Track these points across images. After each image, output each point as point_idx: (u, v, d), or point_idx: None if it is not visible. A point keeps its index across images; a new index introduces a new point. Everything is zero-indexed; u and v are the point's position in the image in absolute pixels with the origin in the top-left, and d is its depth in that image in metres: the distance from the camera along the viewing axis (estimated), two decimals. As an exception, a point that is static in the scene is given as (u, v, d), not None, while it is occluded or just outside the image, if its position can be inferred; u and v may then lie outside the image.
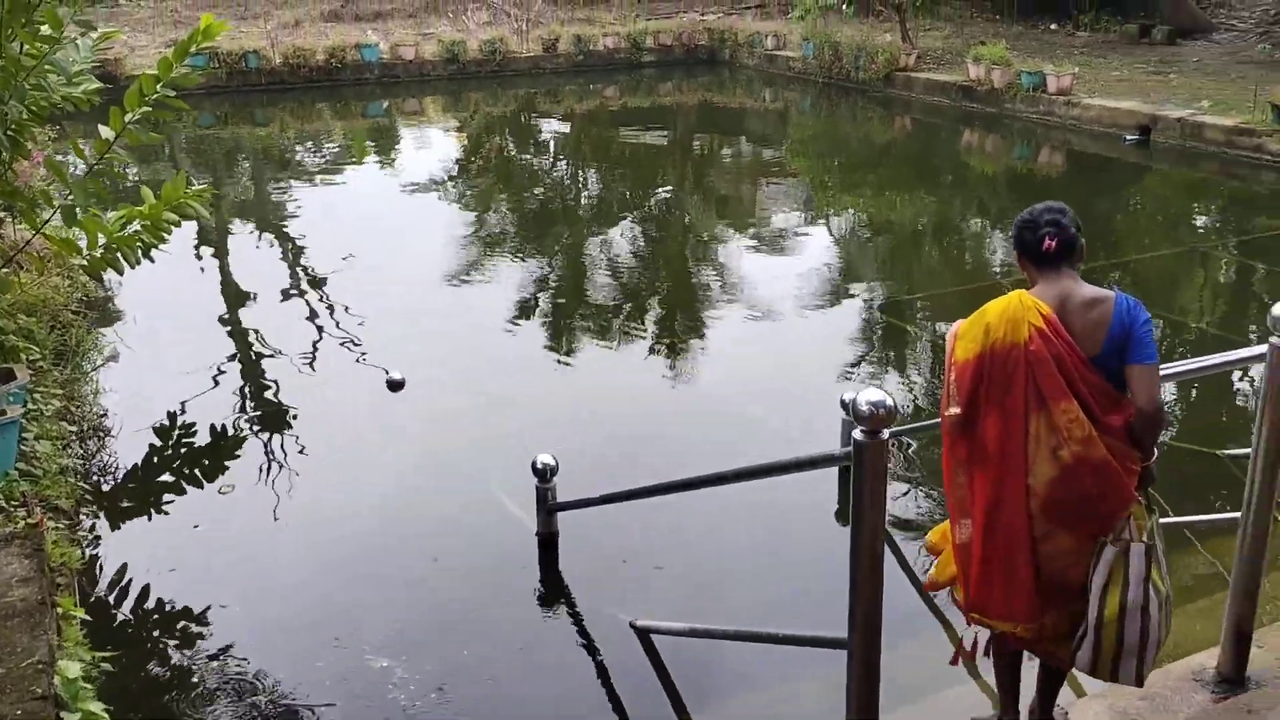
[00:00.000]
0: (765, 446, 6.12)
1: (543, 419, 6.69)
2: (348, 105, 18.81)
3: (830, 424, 5.83)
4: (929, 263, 10.48)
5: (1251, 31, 18.84)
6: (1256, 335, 8.20)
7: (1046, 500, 2.87)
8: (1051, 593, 2.95)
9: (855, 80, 18.48)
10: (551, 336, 8.34)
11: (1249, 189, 12.09)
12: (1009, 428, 2.89)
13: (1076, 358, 2.85)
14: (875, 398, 2.40)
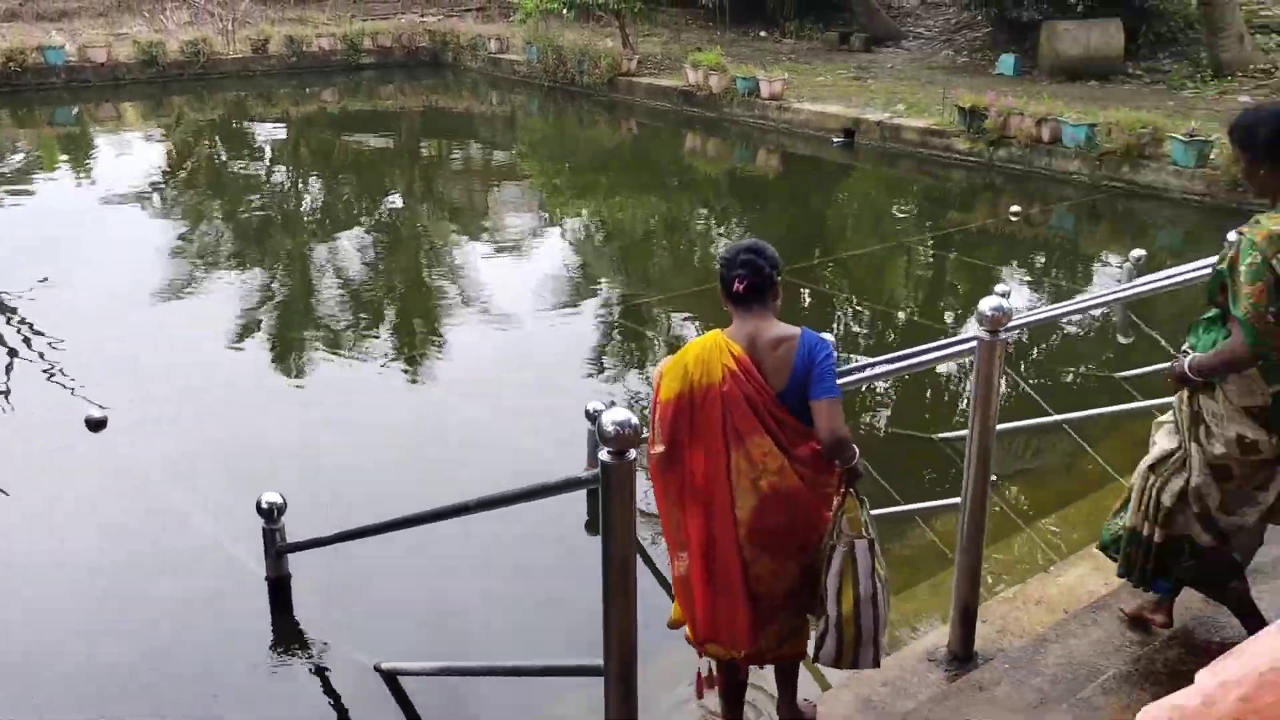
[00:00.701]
0: (516, 463, 5.99)
1: (269, 451, 6.26)
2: (31, 112, 17.10)
3: (579, 433, 5.77)
4: (663, 264, 10.69)
5: (937, 39, 20.51)
6: (953, 319, 8.89)
7: (751, 528, 3.02)
8: (764, 612, 3.11)
9: (580, 84, 18.66)
10: (277, 358, 7.86)
11: (941, 185, 13.13)
12: (713, 463, 3.01)
13: (766, 396, 3.00)
14: (620, 417, 2.33)
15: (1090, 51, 16.15)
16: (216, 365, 7.60)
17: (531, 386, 7.33)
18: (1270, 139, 2.91)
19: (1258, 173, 2.97)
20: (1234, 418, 2.97)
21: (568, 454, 5.70)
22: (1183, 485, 3.10)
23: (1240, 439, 2.97)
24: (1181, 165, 11.16)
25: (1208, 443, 3.04)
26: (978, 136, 12.94)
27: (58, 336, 7.86)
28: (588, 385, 7.30)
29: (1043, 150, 12.42)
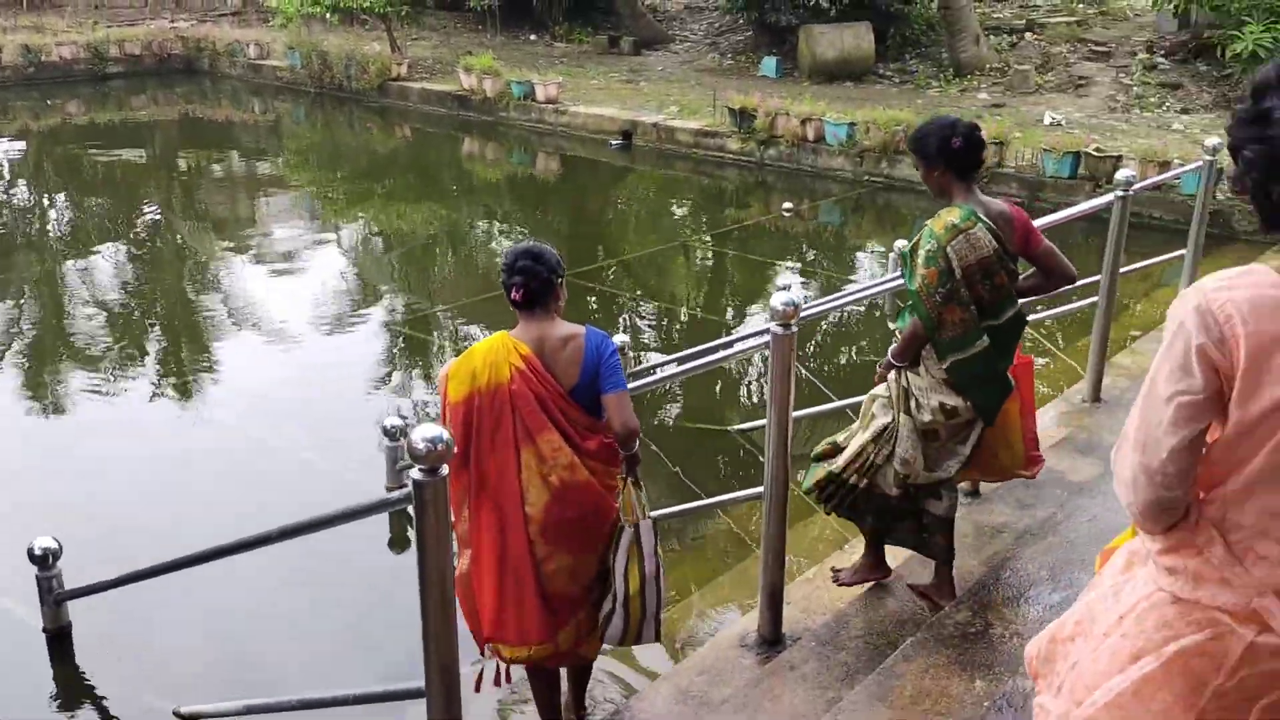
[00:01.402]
0: (313, 486, 5.77)
1: (38, 495, 5.76)
2: None
3: (375, 449, 5.62)
4: (447, 272, 10.54)
5: (702, 42, 21.14)
6: (734, 314, 9.20)
7: (544, 524, 3.10)
8: (561, 609, 3.19)
9: (349, 90, 18.14)
10: (34, 395, 7.24)
11: (717, 184, 13.54)
12: (503, 461, 3.08)
13: (555, 393, 3.10)
14: (431, 434, 2.29)
15: (845, 54, 17.06)
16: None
17: (319, 405, 7.07)
18: (938, 147, 3.35)
19: (933, 176, 3.42)
20: (936, 389, 3.40)
21: (367, 472, 5.54)
22: (891, 449, 3.48)
23: (943, 406, 3.40)
24: (933, 159, 11.94)
25: (917, 413, 3.44)
26: (748, 137, 13.43)
27: None
28: (378, 399, 7.12)
29: (809, 148, 13.03)
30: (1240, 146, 1.59)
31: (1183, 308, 1.59)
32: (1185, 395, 1.58)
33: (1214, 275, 1.59)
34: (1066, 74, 16.05)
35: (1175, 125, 13.16)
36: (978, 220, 3.29)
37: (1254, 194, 1.59)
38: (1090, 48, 16.96)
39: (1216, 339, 1.54)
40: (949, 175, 3.38)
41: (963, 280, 3.26)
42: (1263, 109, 1.54)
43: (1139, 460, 1.65)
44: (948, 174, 3.38)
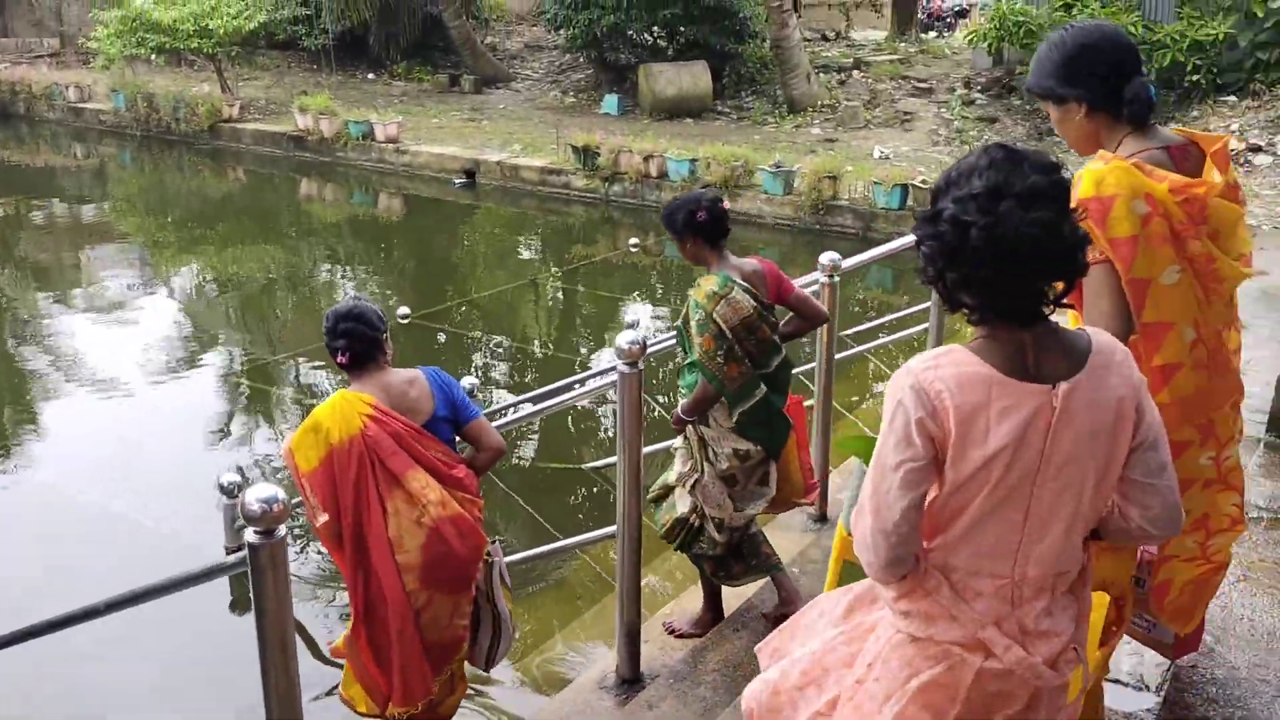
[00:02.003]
0: (149, 548, 5.47)
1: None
2: None
3: (213, 506, 5.37)
4: (288, 318, 10.23)
5: (544, 80, 21.26)
6: (587, 350, 9.23)
7: (422, 568, 3.07)
8: (437, 658, 3.19)
9: (178, 132, 17.50)
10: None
11: (564, 221, 13.60)
12: (371, 514, 3.03)
13: (411, 429, 3.10)
14: (265, 494, 2.21)
15: (683, 91, 17.44)
16: None
17: (153, 461, 6.73)
18: (685, 221, 3.62)
19: (686, 248, 3.70)
20: (726, 436, 3.63)
21: (205, 531, 5.30)
22: (700, 499, 3.70)
23: (735, 451, 3.63)
24: (771, 193, 12.31)
25: (716, 460, 3.65)
26: (593, 174, 13.55)
27: None
28: (216, 454, 6.83)
29: (652, 184, 13.23)
30: (920, 242, 1.81)
31: (899, 387, 1.79)
32: (910, 463, 1.77)
33: (920, 357, 1.82)
34: (893, 109, 16.80)
35: (994, 156, 13.92)
36: (733, 284, 3.57)
37: (934, 281, 1.81)
38: (913, 84, 17.82)
39: (930, 412, 1.75)
40: (701, 245, 3.66)
41: (733, 339, 3.52)
42: (936, 209, 1.77)
43: (874, 524, 1.83)
44: (700, 244, 3.66)
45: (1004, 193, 1.70)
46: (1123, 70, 2.34)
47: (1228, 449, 2.50)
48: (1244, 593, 3.33)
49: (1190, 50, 13.99)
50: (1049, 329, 1.79)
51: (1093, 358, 1.79)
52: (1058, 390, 1.74)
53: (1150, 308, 2.30)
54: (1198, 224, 2.30)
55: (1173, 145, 2.38)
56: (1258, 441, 4.50)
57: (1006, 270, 1.71)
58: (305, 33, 20.89)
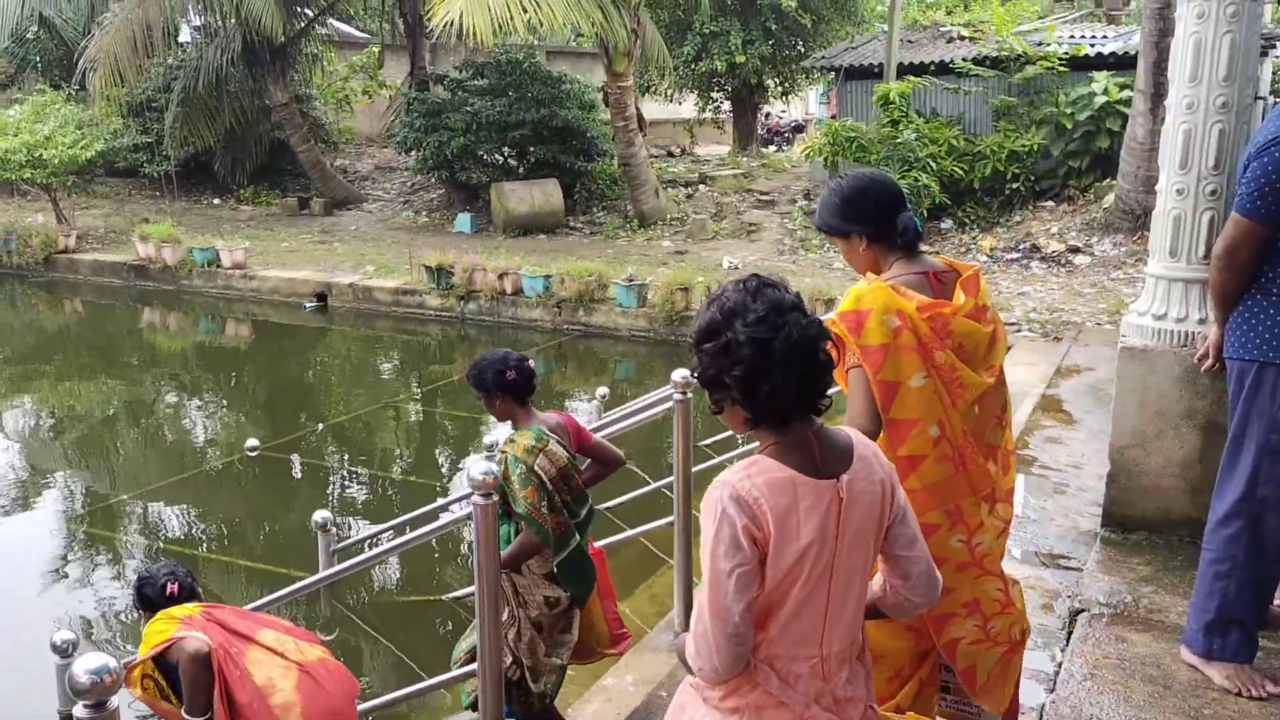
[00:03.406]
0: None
1: None
2: None
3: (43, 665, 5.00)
4: (132, 452, 9.77)
5: (396, 200, 21.31)
6: (447, 472, 9.10)
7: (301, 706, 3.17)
8: None
9: (9, 265, 16.80)
10: None
11: (420, 341, 13.51)
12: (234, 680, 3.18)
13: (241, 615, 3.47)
14: (95, 664, 2.07)
15: (536, 208, 17.74)
16: None
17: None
18: (495, 381, 3.80)
19: (495, 405, 3.88)
20: (538, 584, 3.78)
21: (35, 695, 4.93)
22: (516, 648, 3.83)
23: (546, 599, 3.79)
24: (626, 306, 12.53)
25: (526, 608, 3.80)
26: (447, 292, 13.55)
27: None
28: (51, 605, 6.39)
29: (508, 301, 13.30)
30: (719, 377, 1.98)
31: (718, 499, 1.96)
32: (741, 567, 1.94)
33: (732, 469, 2.00)
34: (739, 221, 17.44)
35: (836, 264, 14.53)
36: (547, 437, 3.76)
37: (747, 404, 1.98)
38: (757, 197, 18.58)
39: (751, 517, 1.94)
40: (510, 403, 3.84)
41: (553, 490, 3.69)
42: (725, 342, 1.97)
43: (716, 628, 1.96)
44: (509, 402, 3.84)
45: (783, 308, 1.98)
46: (893, 208, 2.78)
47: (978, 535, 2.77)
48: (1091, 691, 3.45)
49: (1008, 160, 15.04)
50: (823, 429, 2.03)
51: (857, 450, 2.05)
52: (841, 481, 1.99)
53: (897, 406, 2.66)
54: (942, 338, 2.67)
55: (931, 270, 2.81)
56: (1094, 536, 4.71)
57: (800, 368, 1.95)
58: (147, 160, 20.50)
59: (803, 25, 23.49)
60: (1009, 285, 12.77)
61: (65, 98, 18.89)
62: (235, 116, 20.14)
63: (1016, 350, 9.82)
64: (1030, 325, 10.69)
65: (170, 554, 7.21)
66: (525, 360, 3.88)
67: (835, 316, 2.70)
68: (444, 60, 23.30)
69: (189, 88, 19.28)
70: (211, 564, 7.03)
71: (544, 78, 18.89)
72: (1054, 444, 6.50)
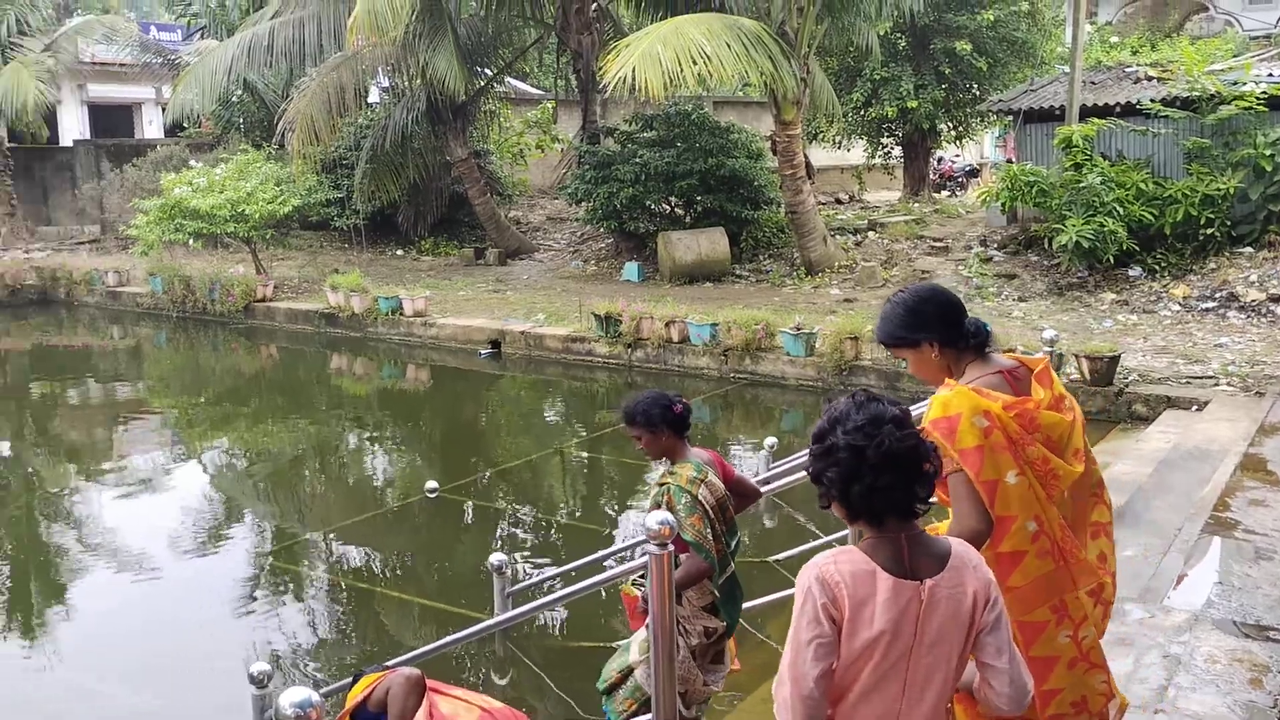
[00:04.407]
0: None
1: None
2: None
3: (240, 695, 5.27)
4: (319, 492, 10.26)
5: (565, 250, 21.86)
6: (613, 517, 9.17)
7: None
8: None
9: (213, 313, 18.00)
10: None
11: (588, 388, 13.74)
12: None
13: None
14: (299, 698, 2.18)
15: (702, 257, 17.87)
16: None
17: (181, 645, 6.65)
18: (662, 416, 3.96)
19: (660, 440, 4.01)
20: (698, 615, 3.89)
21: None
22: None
23: (705, 630, 3.91)
24: (793, 355, 12.42)
25: (687, 637, 3.89)
26: (615, 340, 13.76)
27: None
28: (243, 636, 6.73)
29: (675, 349, 13.40)
30: (821, 475, 2.27)
31: (808, 578, 2.23)
32: (819, 639, 2.20)
33: (826, 554, 2.26)
34: (910, 268, 17.10)
35: (1015, 312, 14.06)
36: (706, 468, 3.95)
37: (842, 502, 2.25)
38: (930, 243, 18.19)
39: (831, 598, 2.19)
40: (672, 437, 4.00)
41: (713, 518, 3.85)
42: (827, 445, 2.25)
43: (793, 690, 2.20)
44: (672, 436, 3.99)
45: (881, 420, 2.22)
46: (958, 312, 2.94)
47: (1083, 629, 2.87)
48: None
49: (1202, 204, 14.26)
50: (920, 534, 2.25)
51: (953, 559, 2.26)
52: (924, 585, 2.21)
53: (998, 504, 2.76)
54: (1031, 433, 2.79)
55: (1005, 369, 2.92)
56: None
57: (893, 477, 2.19)
58: (337, 214, 21.70)
59: (977, 69, 23.02)
60: (1204, 336, 12.06)
61: (265, 157, 20.26)
62: (418, 172, 21.15)
63: (1215, 405, 9.24)
64: (1229, 379, 10.05)
65: (351, 589, 7.51)
66: (682, 397, 4.10)
67: (928, 425, 2.82)
68: (614, 113, 23.87)
69: (377, 146, 20.37)
70: (389, 600, 7.28)
71: (712, 128, 19.08)
72: (1258, 506, 6.06)
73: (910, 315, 2.95)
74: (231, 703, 5.35)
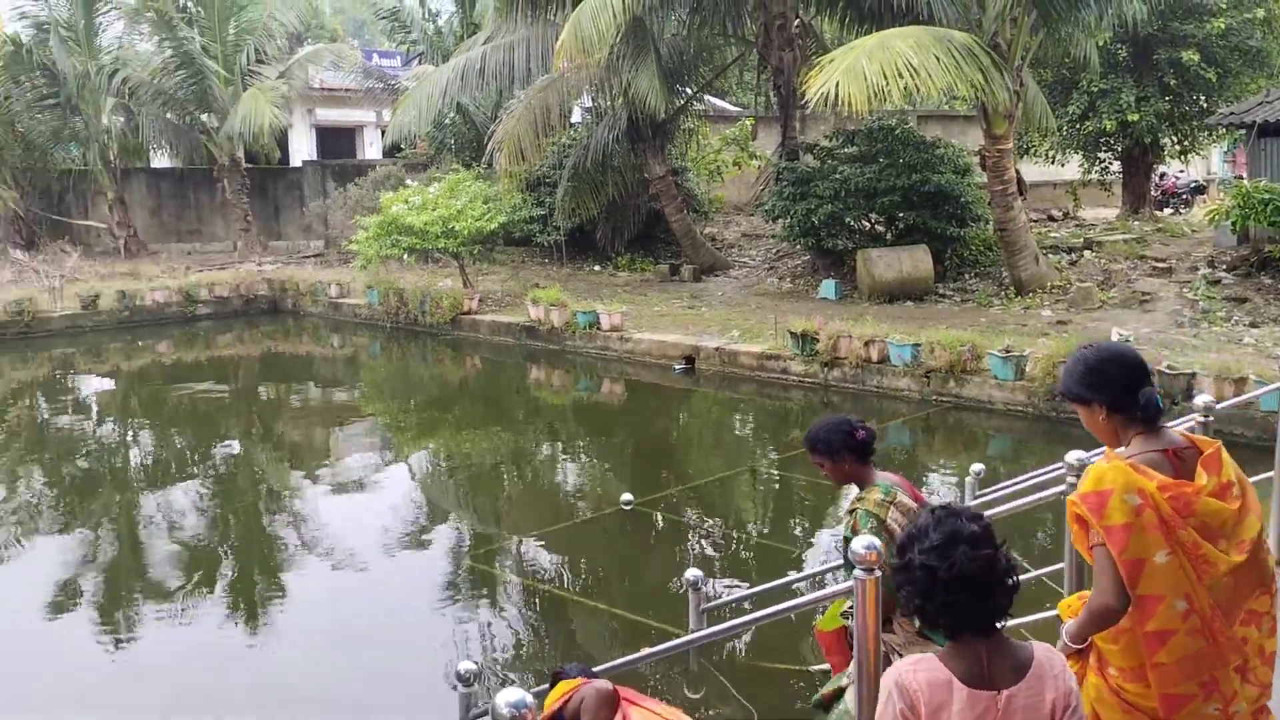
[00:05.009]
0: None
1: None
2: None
3: (439, 692, 5.45)
4: (513, 499, 10.53)
5: (761, 267, 21.76)
6: (802, 538, 9.00)
7: None
8: None
9: (423, 324, 18.84)
10: (104, 626, 7.22)
11: (782, 406, 13.58)
12: None
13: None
14: (514, 698, 2.20)
15: (904, 275, 17.40)
16: (43, 637, 6.97)
17: (382, 639, 6.93)
18: (844, 442, 3.95)
19: (842, 469, 4.02)
20: (914, 642, 3.77)
21: (429, 715, 5.36)
22: None
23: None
24: (1001, 379, 11.90)
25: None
26: (811, 359, 13.55)
27: None
28: (443, 634, 6.95)
29: (873, 369, 13.08)
30: (900, 588, 2.39)
31: (890, 684, 2.35)
32: None
33: (906, 661, 2.40)
34: (1129, 290, 16.13)
35: (1246, 339, 13.02)
36: (895, 490, 3.93)
37: (918, 613, 2.37)
38: (1151, 264, 17.12)
39: (909, 704, 2.31)
40: (855, 463, 3.99)
41: None
42: (905, 561, 2.37)
43: None
44: (854, 462, 3.99)
45: (957, 539, 2.31)
46: (1136, 381, 2.88)
47: (1234, 704, 2.82)
48: None
49: None
50: (1004, 642, 2.35)
51: (1033, 669, 2.34)
52: (1000, 695, 2.30)
53: (1144, 582, 2.76)
54: (1184, 517, 2.75)
55: (1172, 447, 2.87)
56: None
57: (966, 595, 2.29)
58: (539, 230, 22.37)
59: (1206, 79, 21.56)
60: None
61: (474, 175, 21.09)
62: (617, 189, 21.54)
63: None
64: None
65: (545, 595, 7.66)
66: (865, 421, 4.08)
67: (1077, 497, 2.86)
68: (814, 129, 23.64)
69: (578, 164, 20.88)
70: (581, 608, 7.37)
71: (916, 143, 18.60)
72: None
73: (1090, 373, 2.93)
74: (430, 694, 5.52)
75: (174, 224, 29.21)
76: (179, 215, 29.29)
